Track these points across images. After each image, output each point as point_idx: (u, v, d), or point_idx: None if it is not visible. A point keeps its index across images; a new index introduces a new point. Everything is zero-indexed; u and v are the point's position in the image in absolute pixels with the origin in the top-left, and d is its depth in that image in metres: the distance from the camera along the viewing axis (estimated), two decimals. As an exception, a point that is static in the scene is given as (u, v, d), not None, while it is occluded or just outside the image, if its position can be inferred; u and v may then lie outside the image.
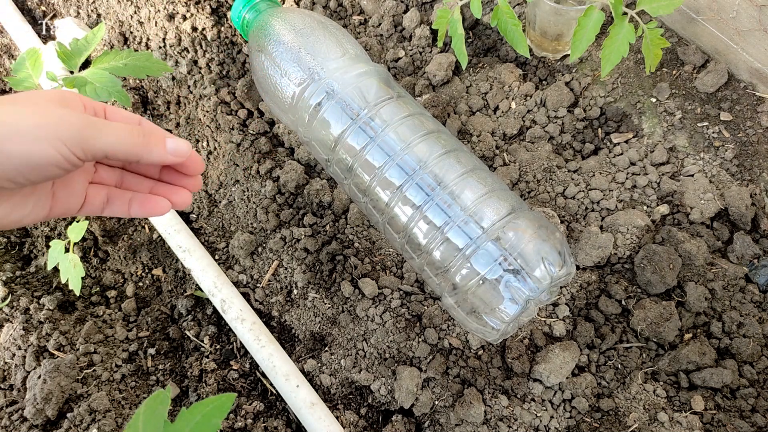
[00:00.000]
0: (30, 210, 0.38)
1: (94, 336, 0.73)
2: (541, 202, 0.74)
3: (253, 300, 0.75)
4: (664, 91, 0.78)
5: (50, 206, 0.40)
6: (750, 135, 0.75)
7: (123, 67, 0.65)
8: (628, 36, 0.66)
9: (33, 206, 0.38)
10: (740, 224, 0.71)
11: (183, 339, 0.75)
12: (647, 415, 0.63)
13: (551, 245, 0.56)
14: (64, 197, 0.41)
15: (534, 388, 0.65)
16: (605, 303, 0.68)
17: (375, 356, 0.68)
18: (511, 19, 0.71)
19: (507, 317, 0.55)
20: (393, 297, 0.70)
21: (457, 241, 0.57)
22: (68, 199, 0.41)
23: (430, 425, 0.65)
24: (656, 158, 0.75)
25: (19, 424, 0.65)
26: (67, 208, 0.41)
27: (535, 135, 0.80)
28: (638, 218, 0.71)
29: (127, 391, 0.69)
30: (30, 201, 0.38)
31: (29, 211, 0.38)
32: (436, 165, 0.59)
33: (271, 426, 0.67)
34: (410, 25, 0.87)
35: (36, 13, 1.02)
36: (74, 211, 0.42)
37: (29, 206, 0.38)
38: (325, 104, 0.62)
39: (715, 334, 0.66)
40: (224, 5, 0.91)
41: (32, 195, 0.38)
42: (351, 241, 0.75)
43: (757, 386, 0.64)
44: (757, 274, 0.69)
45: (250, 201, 0.80)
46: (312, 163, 0.81)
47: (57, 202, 0.40)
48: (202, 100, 0.86)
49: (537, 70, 0.84)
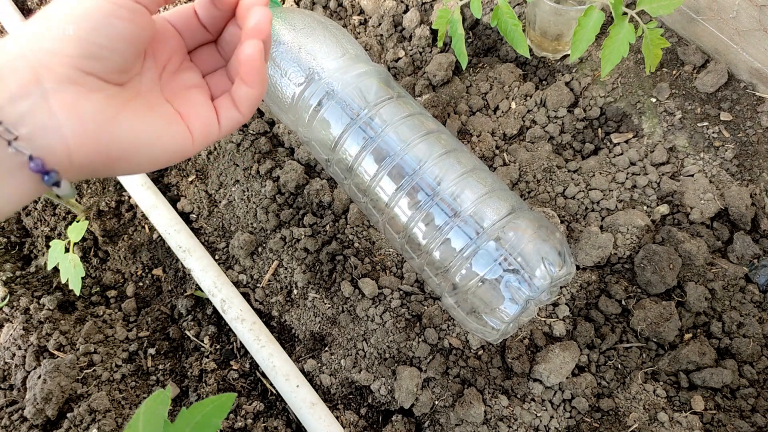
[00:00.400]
0: (170, 132, 0.35)
1: (94, 336, 0.73)
2: (541, 202, 0.74)
3: (253, 300, 0.75)
4: (664, 91, 0.78)
5: (187, 129, 0.36)
6: (750, 135, 0.75)
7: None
8: (628, 36, 0.66)
9: (167, 126, 0.35)
10: (740, 224, 0.71)
11: (183, 339, 0.75)
12: (647, 415, 0.63)
13: (551, 245, 0.56)
14: (194, 113, 0.37)
15: (534, 388, 0.65)
16: (605, 303, 0.68)
17: (375, 356, 0.68)
18: (511, 19, 0.71)
19: (507, 317, 0.55)
20: (393, 297, 0.70)
21: (457, 241, 0.57)
22: (199, 113, 0.37)
23: (430, 425, 0.65)
24: (656, 158, 0.75)
25: (19, 424, 0.65)
26: (205, 126, 0.37)
27: (535, 135, 0.80)
28: (638, 218, 0.71)
29: (127, 391, 0.69)
30: (157, 118, 0.35)
31: (172, 135, 0.35)
32: (436, 165, 0.59)
33: (271, 426, 0.67)
34: (410, 25, 0.87)
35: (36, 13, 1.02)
36: (215, 130, 0.38)
37: (161, 125, 0.35)
38: (325, 104, 0.62)
39: (715, 334, 0.66)
40: (224, 5, 0.91)
41: (155, 110, 0.35)
42: (351, 241, 0.75)
43: (757, 386, 0.64)
44: (757, 274, 0.69)
45: (250, 201, 0.80)
46: (312, 163, 0.81)
47: (191, 120, 0.37)
48: (202, 100, 0.86)
49: (537, 70, 0.84)
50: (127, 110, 0.33)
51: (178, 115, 0.37)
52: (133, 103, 0.34)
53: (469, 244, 0.56)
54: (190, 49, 0.41)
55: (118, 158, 0.33)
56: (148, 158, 0.34)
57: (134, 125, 0.33)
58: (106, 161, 0.32)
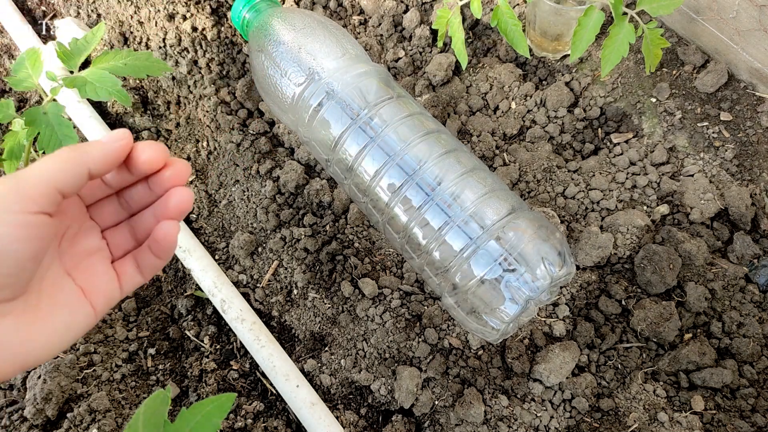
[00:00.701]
0: (76, 319, 0.35)
1: (94, 336, 0.73)
2: (541, 202, 0.74)
3: (253, 300, 0.75)
4: (664, 91, 0.78)
5: (89, 305, 0.36)
6: (750, 135, 0.75)
7: (123, 67, 0.64)
8: (628, 36, 0.66)
9: (73, 316, 0.34)
10: (740, 224, 0.71)
11: (183, 339, 0.75)
12: (647, 415, 0.63)
13: (551, 245, 0.56)
14: (95, 286, 0.36)
15: (534, 388, 0.65)
16: (605, 303, 0.68)
17: (375, 356, 0.68)
18: (511, 19, 0.71)
19: (507, 317, 0.55)
20: (393, 297, 0.70)
21: (457, 241, 0.57)
22: (100, 286, 0.36)
23: (430, 425, 0.65)
24: (656, 158, 0.75)
25: (19, 424, 0.65)
26: (107, 299, 0.37)
27: (535, 135, 0.80)
28: (638, 218, 0.71)
29: (127, 391, 0.69)
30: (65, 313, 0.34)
31: (79, 321, 0.35)
32: (436, 165, 0.59)
33: (271, 426, 0.67)
34: (410, 25, 0.87)
35: (36, 13, 1.02)
36: (117, 296, 0.37)
37: (68, 319, 0.34)
38: (325, 104, 0.62)
39: (715, 334, 0.66)
40: (224, 5, 0.91)
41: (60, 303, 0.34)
42: (351, 241, 0.75)
43: (757, 386, 0.64)
44: (757, 274, 0.69)
45: (250, 201, 0.80)
46: (312, 163, 0.81)
47: (92, 296, 0.36)
48: (202, 100, 0.86)
49: (537, 70, 0.84)
50: (36, 324, 0.33)
51: (81, 293, 0.36)
52: (40, 310, 0.33)
53: (469, 244, 0.56)
54: (88, 204, 0.39)
55: (32, 365, 0.33)
56: (61, 348, 0.34)
57: (46, 335, 0.33)
58: (18, 372, 0.33)
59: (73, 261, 0.36)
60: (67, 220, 0.37)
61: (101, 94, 0.62)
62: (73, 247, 0.37)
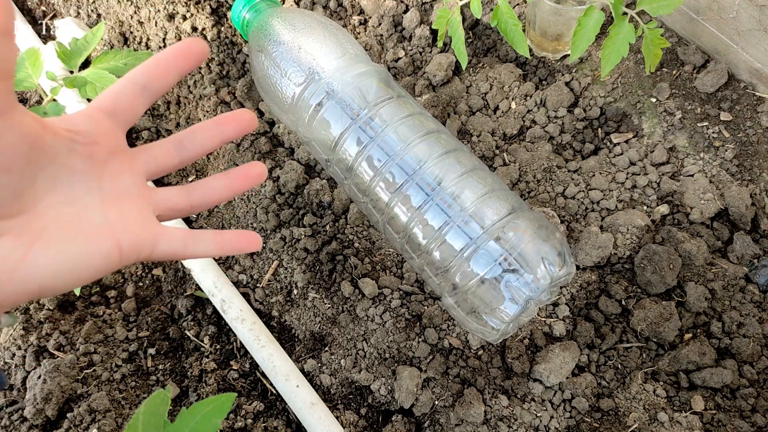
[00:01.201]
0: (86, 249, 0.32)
1: (94, 336, 0.73)
2: (541, 202, 0.74)
3: (253, 300, 0.75)
4: (664, 91, 0.78)
5: (113, 242, 0.33)
6: (750, 135, 0.75)
7: (123, 67, 0.64)
8: (628, 36, 0.66)
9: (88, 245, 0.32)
10: (740, 224, 0.71)
11: (183, 339, 0.75)
12: (647, 415, 0.63)
13: (551, 245, 0.56)
14: (124, 225, 0.34)
15: (534, 388, 0.65)
16: (605, 303, 0.68)
17: (375, 356, 0.68)
18: (511, 19, 0.71)
19: (507, 317, 0.55)
20: (393, 297, 0.70)
21: (457, 241, 0.57)
22: (132, 227, 0.34)
23: (430, 425, 0.65)
24: (656, 158, 0.75)
25: (19, 424, 0.65)
26: (138, 240, 0.34)
27: (535, 135, 0.80)
28: (638, 218, 0.71)
29: (127, 391, 0.69)
30: (78, 241, 0.32)
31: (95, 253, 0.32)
32: (436, 165, 0.59)
33: (271, 426, 0.67)
34: (410, 25, 0.87)
35: (36, 13, 1.02)
36: (146, 249, 0.35)
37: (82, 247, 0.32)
38: (325, 104, 0.62)
39: (715, 334, 0.66)
40: (224, 5, 0.91)
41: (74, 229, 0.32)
42: (351, 241, 0.75)
43: (757, 386, 0.64)
44: (757, 274, 0.69)
45: (250, 201, 0.80)
46: (312, 163, 0.81)
47: (120, 233, 0.34)
48: (202, 100, 0.86)
49: (537, 70, 0.84)
50: (37, 245, 0.31)
51: (108, 228, 0.34)
52: (47, 233, 0.31)
53: (469, 244, 0.56)
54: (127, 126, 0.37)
55: (38, 291, 0.31)
56: (71, 279, 0.32)
57: (49, 258, 0.31)
58: (25, 297, 0.31)
59: (111, 196, 0.35)
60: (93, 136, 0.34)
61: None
62: (114, 184, 0.35)
